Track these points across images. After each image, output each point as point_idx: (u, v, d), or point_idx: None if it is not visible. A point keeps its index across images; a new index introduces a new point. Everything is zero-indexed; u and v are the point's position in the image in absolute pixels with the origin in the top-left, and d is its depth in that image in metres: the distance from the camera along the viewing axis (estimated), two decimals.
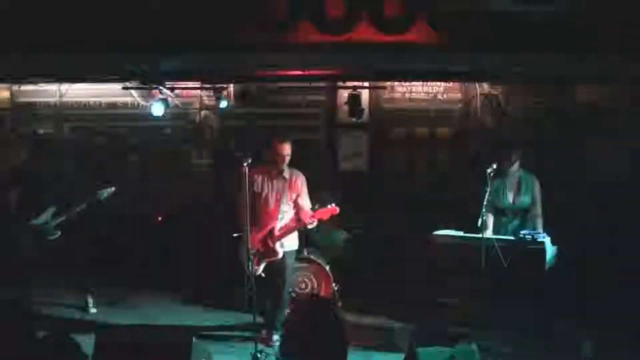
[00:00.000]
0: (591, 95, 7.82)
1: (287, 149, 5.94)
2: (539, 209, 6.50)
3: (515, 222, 6.53)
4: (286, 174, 6.04)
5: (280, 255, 6.01)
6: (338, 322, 2.62)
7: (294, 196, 6.06)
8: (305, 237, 7.21)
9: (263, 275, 5.97)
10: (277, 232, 5.99)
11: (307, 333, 2.53)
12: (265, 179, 6.04)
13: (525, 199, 6.51)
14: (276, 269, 6.06)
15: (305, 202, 6.10)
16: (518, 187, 6.53)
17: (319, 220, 6.01)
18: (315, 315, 2.58)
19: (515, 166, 6.53)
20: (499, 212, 6.64)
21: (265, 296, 6.00)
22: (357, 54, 6.63)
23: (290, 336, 2.61)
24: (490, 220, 6.54)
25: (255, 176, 5.94)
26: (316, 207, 6.07)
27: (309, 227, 6.03)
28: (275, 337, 5.99)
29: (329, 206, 5.96)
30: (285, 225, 6.06)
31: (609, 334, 5.98)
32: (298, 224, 6.05)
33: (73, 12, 6.64)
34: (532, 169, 6.62)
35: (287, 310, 6.03)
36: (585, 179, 7.57)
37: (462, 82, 8.15)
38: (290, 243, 6.14)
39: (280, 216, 6.04)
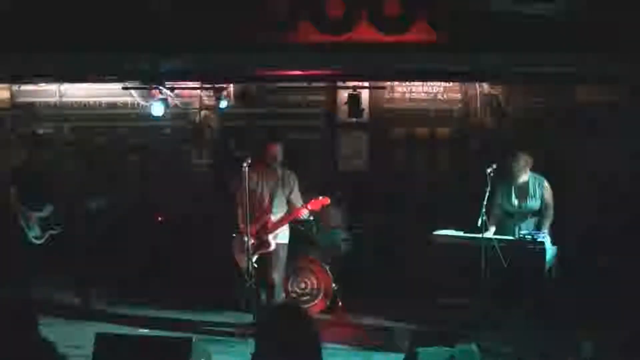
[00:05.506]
0: (591, 95, 7.82)
1: (277, 149, 6.30)
2: (550, 213, 6.45)
3: (522, 224, 6.49)
4: (279, 172, 6.34)
5: (273, 247, 6.25)
6: (309, 323, 2.61)
7: (286, 192, 6.33)
8: (306, 237, 7.23)
9: (255, 265, 6.11)
10: (270, 225, 6.25)
11: (280, 337, 2.51)
12: (260, 176, 6.32)
13: (533, 203, 6.44)
14: (269, 261, 6.28)
15: (297, 199, 6.35)
16: (526, 190, 6.46)
17: (311, 211, 6.30)
18: (284, 319, 2.57)
19: (525, 176, 6.43)
20: (505, 215, 6.60)
21: (259, 291, 6.28)
22: (357, 54, 6.63)
23: (263, 342, 2.59)
24: (492, 227, 6.47)
25: (252, 174, 6.11)
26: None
27: (302, 217, 6.35)
28: None
29: (320, 197, 6.21)
30: (278, 219, 6.30)
31: (609, 334, 5.99)
32: (291, 216, 6.31)
33: (73, 12, 6.64)
34: (541, 172, 6.59)
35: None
36: (585, 179, 7.57)
37: (462, 82, 8.14)
38: (282, 236, 6.38)
39: (274, 210, 6.30)
